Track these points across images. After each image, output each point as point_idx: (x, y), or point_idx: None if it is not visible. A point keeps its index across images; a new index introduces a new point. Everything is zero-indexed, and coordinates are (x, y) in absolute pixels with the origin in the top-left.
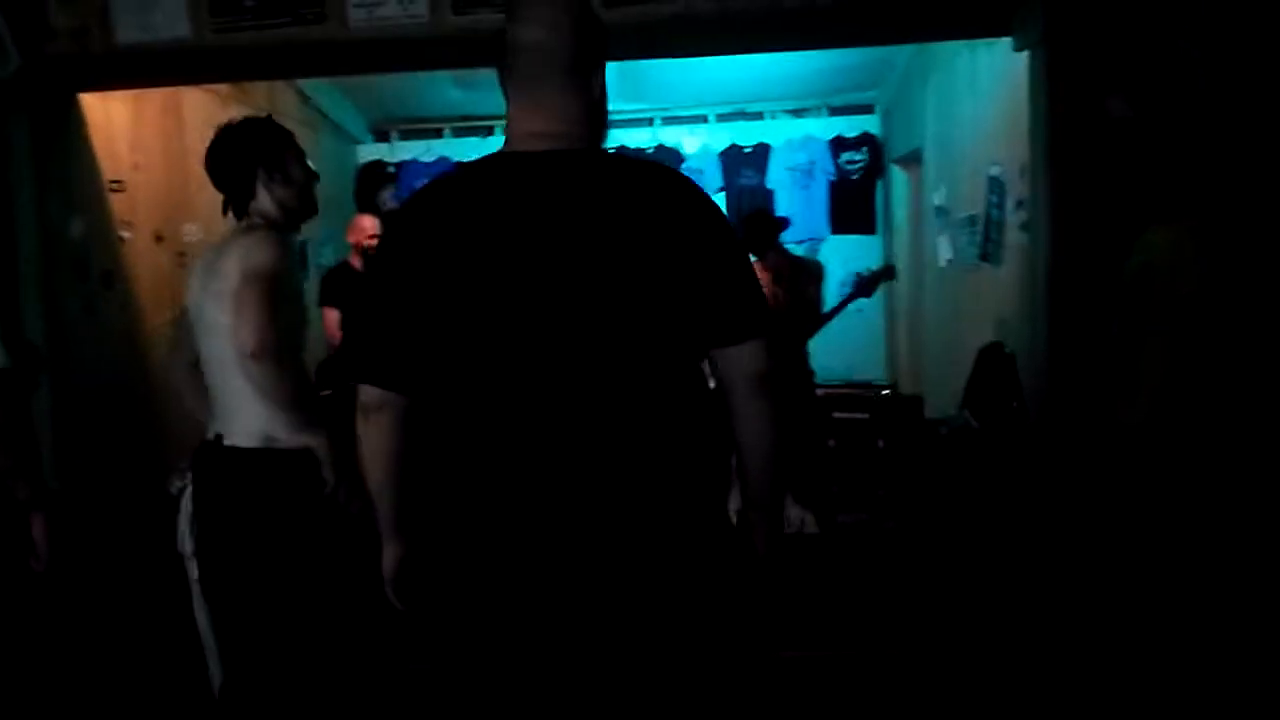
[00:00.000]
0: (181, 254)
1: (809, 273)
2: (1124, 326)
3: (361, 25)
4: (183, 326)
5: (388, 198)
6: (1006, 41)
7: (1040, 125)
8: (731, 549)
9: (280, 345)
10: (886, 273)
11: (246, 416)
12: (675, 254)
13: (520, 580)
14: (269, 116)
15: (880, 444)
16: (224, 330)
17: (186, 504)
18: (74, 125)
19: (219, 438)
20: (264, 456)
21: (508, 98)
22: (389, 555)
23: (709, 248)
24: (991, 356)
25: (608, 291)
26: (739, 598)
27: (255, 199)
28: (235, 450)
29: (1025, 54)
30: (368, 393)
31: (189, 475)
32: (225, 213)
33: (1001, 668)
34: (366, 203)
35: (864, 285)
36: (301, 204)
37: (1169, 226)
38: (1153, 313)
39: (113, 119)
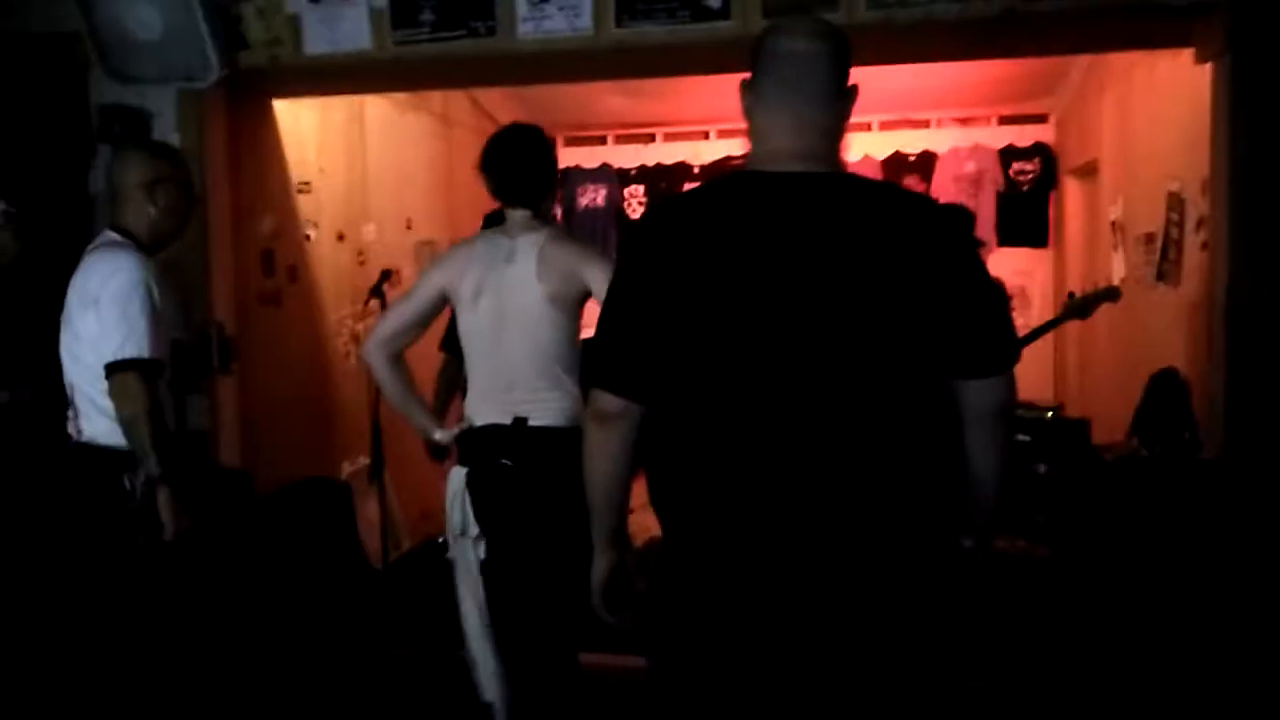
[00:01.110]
0: (360, 253)
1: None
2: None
3: (529, 37)
4: (406, 318)
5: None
6: (1188, 53)
7: (1222, 140)
8: (958, 579)
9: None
10: (1109, 294)
11: (558, 398)
12: (925, 283)
13: (747, 600)
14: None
15: (1042, 469)
16: (554, 326)
17: (462, 490)
18: (267, 130)
19: (521, 420)
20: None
21: (759, 110)
22: (601, 565)
23: (958, 278)
24: (1165, 383)
25: (857, 318)
26: (952, 620)
27: (540, 206)
28: (546, 430)
29: (1207, 66)
30: (607, 400)
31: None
32: (520, 205)
33: (1147, 705)
34: None
35: (1080, 306)
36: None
37: None
38: None
39: (301, 125)
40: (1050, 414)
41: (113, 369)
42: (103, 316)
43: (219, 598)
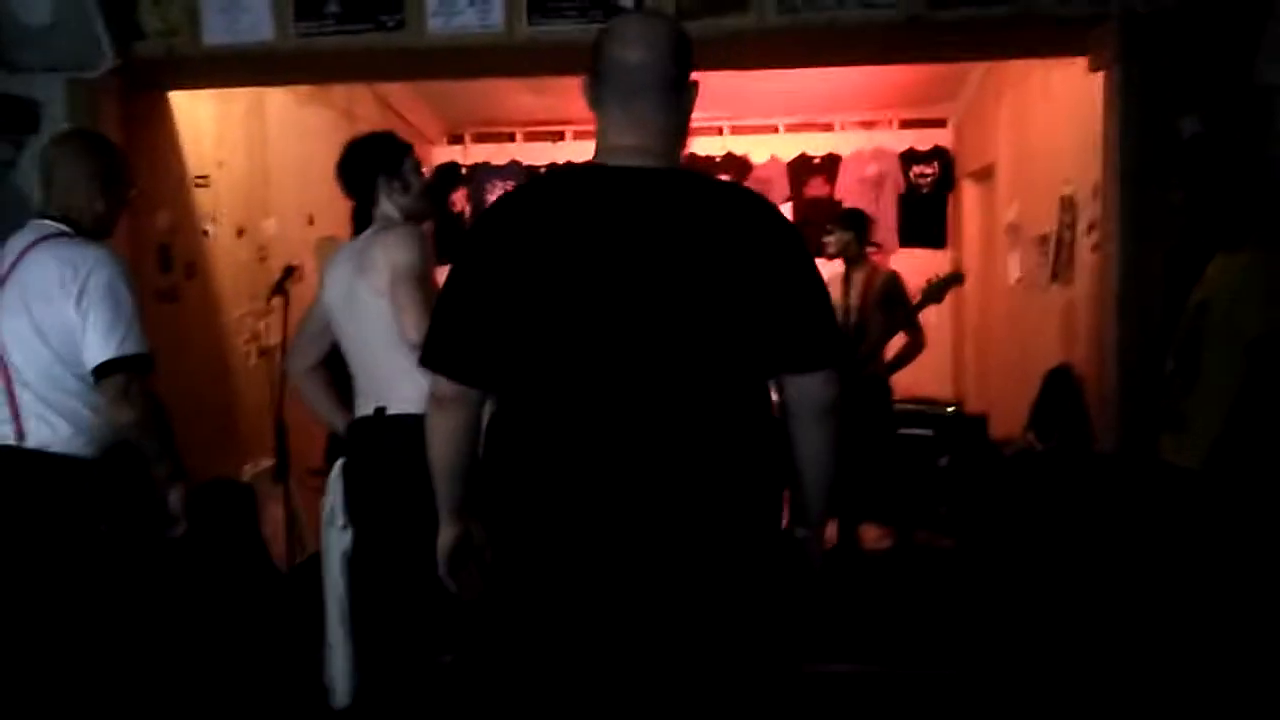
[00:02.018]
0: (261, 248)
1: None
2: (1180, 364)
3: (439, 33)
4: (306, 330)
5: (459, 198)
6: (1081, 62)
7: (1113, 145)
8: (783, 562)
9: None
10: (955, 279)
11: (409, 388)
12: (755, 279)
13: (574, 577)
14: (390, 132)
15: (943, 462)
16: (382, 316)
17: (337, 479)
18: (162, 122)
19: (380, 410)
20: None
21: (599, 110)
22: (445, 537)
23: (788, 275)
24: (1059, 379)
25: (685, 309)
26: (785, 608)
27: (378, 205)
28: (401, 418)
29: (1099, 75)
30: (442, 384)
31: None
32: (352, 220)
33: (1038, 691)
34: (439, 202)
35: (934, 291)
36: (420, 207)
37: (1232, 256)
38: (1209, 353)
39: (199, 116)
40: (950, 410)
41: (111, 368)
42: (92, 313)
43: (127, 602)
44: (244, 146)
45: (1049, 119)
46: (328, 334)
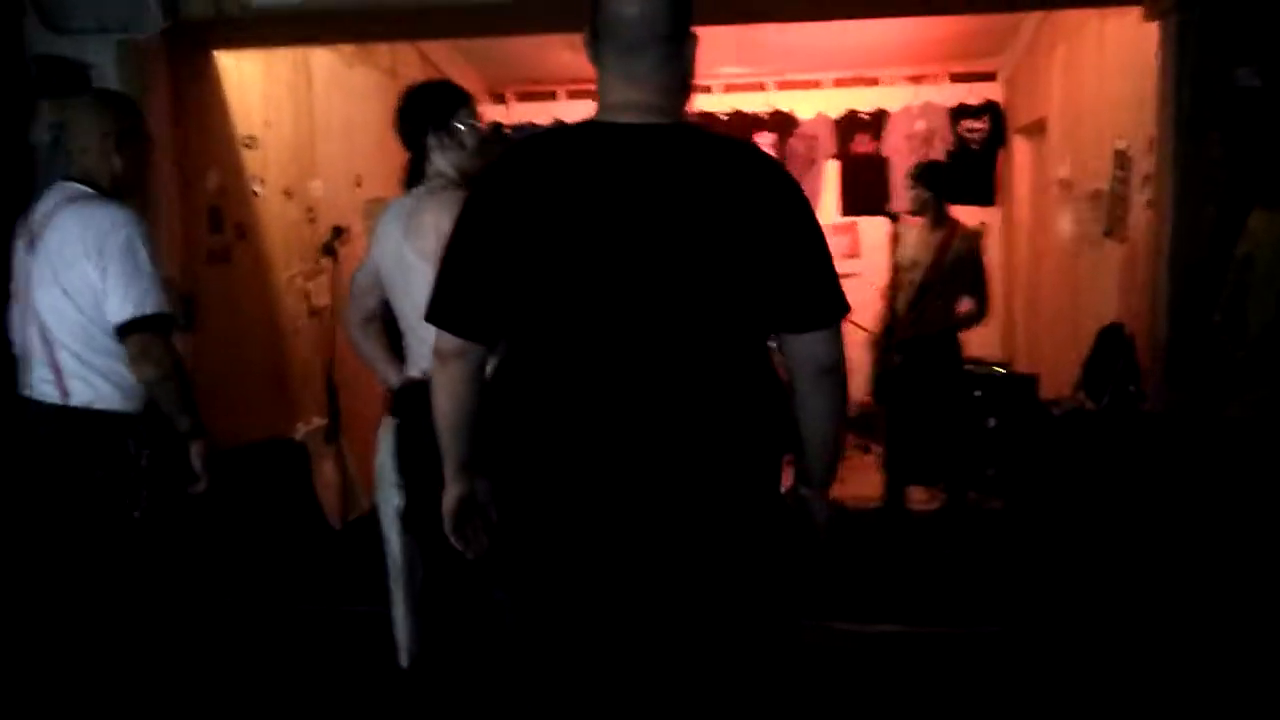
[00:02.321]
0: (310, 209)
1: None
2: (1227, 317)
3: None
4: (358, 285)
5: None
6: (1136, 11)
7: (1169, 98)
8: (780, 518)
9: None
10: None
11: None
12: (755, 236)
13: (578, 533)
14: (446, 81)
15: (991, 423)
16: (429, 282)
17: (387, 438)
18: (210, 83)
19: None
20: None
21: (599, 66)
22: (451, 494)
23: (788, 232)
24: (1111, 338)
25: (685, 266)
26: (782, 566)
27: (430, 161)
28: None
29: (1155, 25)
30: (447, 339)
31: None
32: (406, 174)
33: (1094, 652)
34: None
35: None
36: (475, 165)
37: (1273, 211)
38: (1254, 305)
39: (246, 78)
40: (999, 369)
41: (132, 328)
42: (111, 273)
43: (181, 559)
44: (290, 107)
45: (1103, 71)
46: (377, 290)
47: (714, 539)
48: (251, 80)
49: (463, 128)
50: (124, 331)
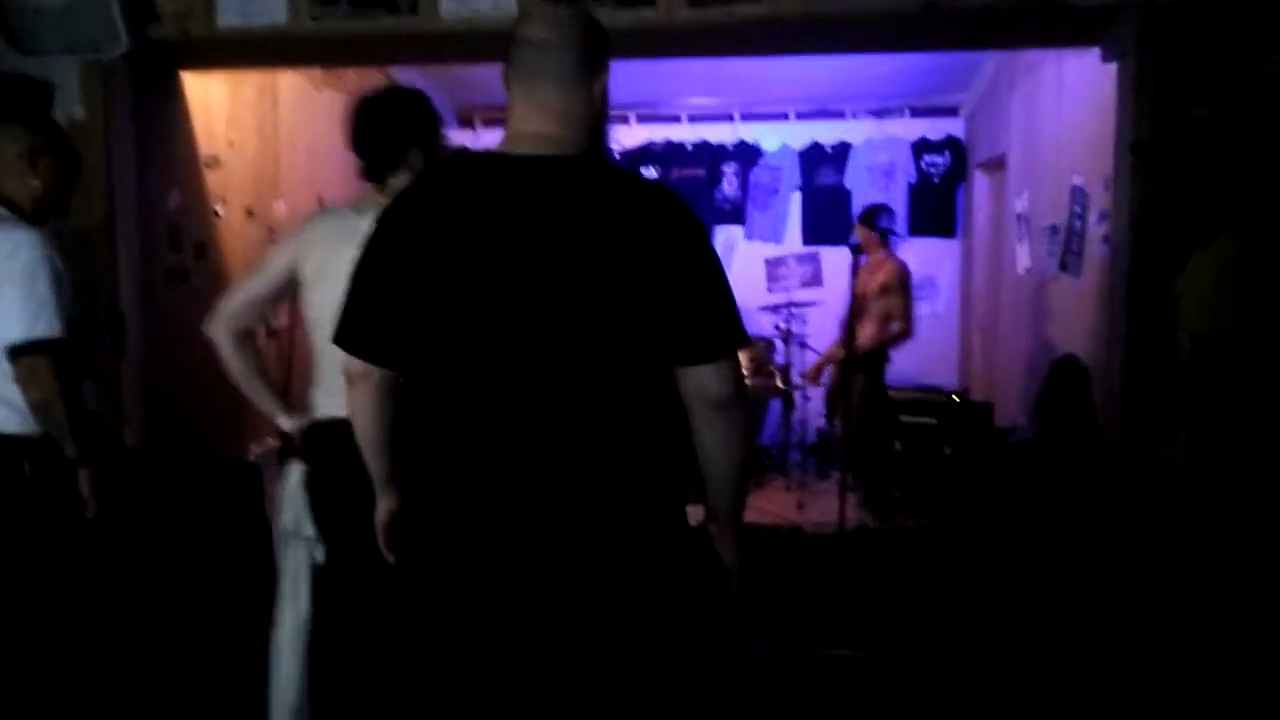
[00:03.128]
0: (271, 229)
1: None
2: (1163, 357)
3: (452, 18)
4: (252, 291)
5: None
6: (1094, 51)
7: (1126, 136)
8: (683, 550)
9: None
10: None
11: None
12: (646, 270)
13: (477, 568)
14: (420, 92)
15: (947, 450)
16: None
17: (299, 491)
18: (175, 103)
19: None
20: None
21: (509, 93)
22: (381, 508)
23: (676, 265)
24: (1065, 370)
25: (577, 301)
26: (686, 596)
27: (393, 174)
28: None
29: (1112, 64)
30: (352, 362)
31: (288, 459)
32: (365, 178)
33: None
34: None
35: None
36: None
37: (1206, 251)
38: (1185, 345)
39: (211, 98)
40: (955, 398)
41: (21, 351)
42: (6, 294)
43: (126, 577)
44: (255, 128)
45: (1061, 109)
46: (270, 305)
47: (605, 576)
48: (217, 101)
49: (444, 152)
50: (13, 354)
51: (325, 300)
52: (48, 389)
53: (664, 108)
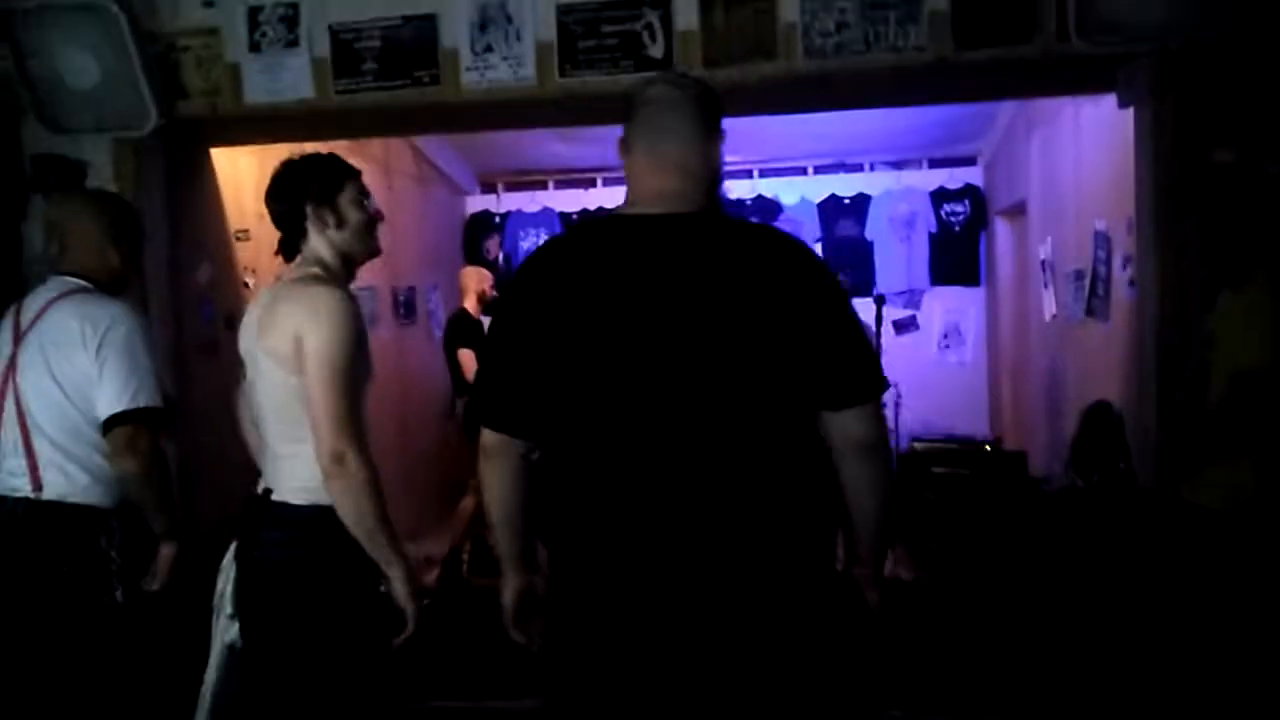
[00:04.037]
0: None
1: None
2: (1188, 395)
3: (473, 88)
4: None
5: (493, 245)
6: (1111, 97)
7: (1146, 181)
8: (835, 601)
9: (361, 427)
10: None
11: (300, 474)
12: (785, 318)
13: (628, 630)
14: (331, 154)
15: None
16: (279, 388)
17: (230, 564)
18: (204, 178)
19: (268, 492)
20: (318, 514)
21: (629, 157)
22: (509, 589)
23: (818, 313)
24: (1098, 416)
25: (717, 353)
26: (840, 647)
27: (306, 240)
28: (285, 507)
29: (1130, 109)
30: (488, 436)
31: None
32: (276, 254)
33: None
34: (473, 250)
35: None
36: (359, 248)
37: (1238, 292)
38: (1220, 386)
39: (240, 172)
40: (988, 447)
41: (119, 420)
42: (108, 366)
43: (155, 656)
44: None
45: (1080, 154)
46: None
47: (769, 629)
48: (245, 174)
49: (348, 205)
50: (111, 423)
51: (254, 383)
52: (145, 459)
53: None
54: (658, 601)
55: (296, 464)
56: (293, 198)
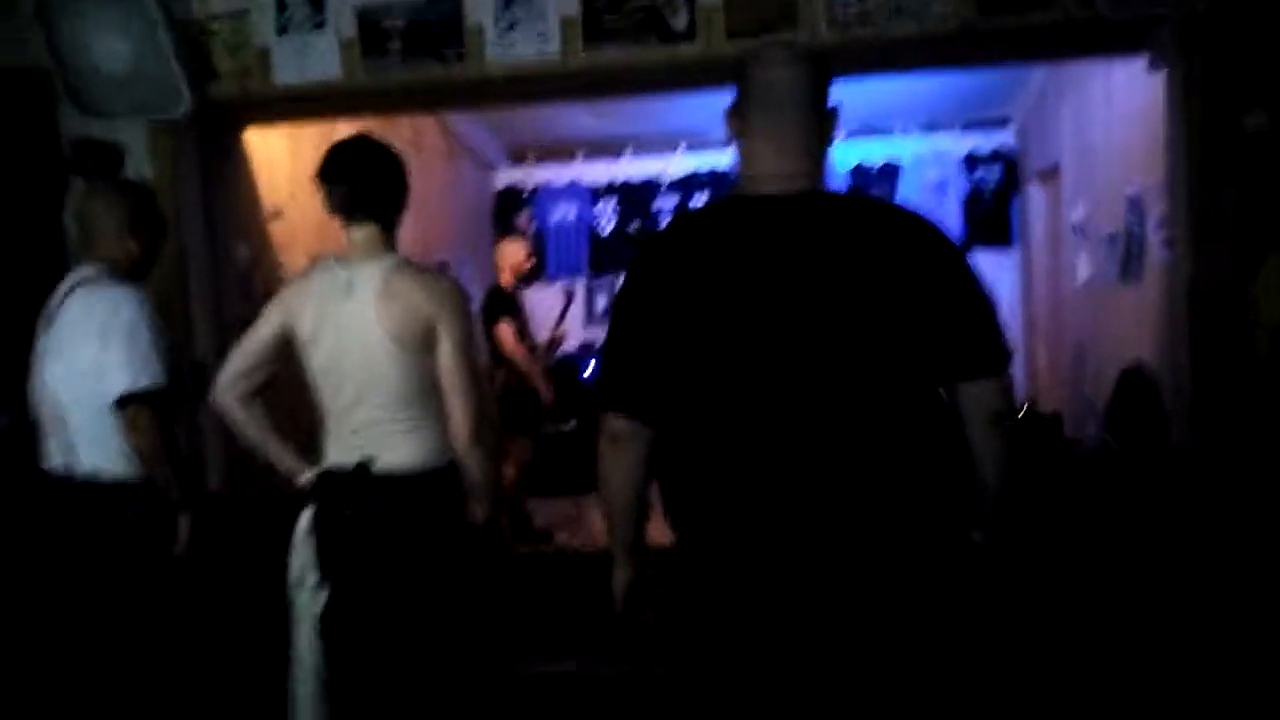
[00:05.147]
0: None
1: None
2: (1237, 358)
3: (498, 63)
4: (251, 355)
5: (523, 220)
6: (1141, 60)
7: (1178, 143)
8: (967, 572)
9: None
10: None
11: (405, 445)
12: (915, 291)
13: (758, 604)
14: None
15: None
16: (398, 366)
17: (307, 537)
18: (238, 159)
19: (366, 463)
20: (428, 479)
21: (745, 136)
22: (621, 578)
23: (947, 284)
24: (1133, 378)
25: (848, 330)
26: (973, 617)
27: (391, 222)
28: (390, 476)
29: (1160, 73)
30: (617, 422)
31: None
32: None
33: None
34: (504, 224)
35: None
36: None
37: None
38: (1264, 343)
39: (272, 152)
40: (1023, 409)
41: (125, 401)
42: (111, 349)
43: (218, 618)
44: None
45: (1112, 117)
46: (274, 364)
47: (902, 605)
48: (278, 154)
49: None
50: (119, 404)
51: (326, 354)
52: (151, 436)
53: (710, 137)
54: (794, 576)
55: (415, 436)
56: (397, 188)
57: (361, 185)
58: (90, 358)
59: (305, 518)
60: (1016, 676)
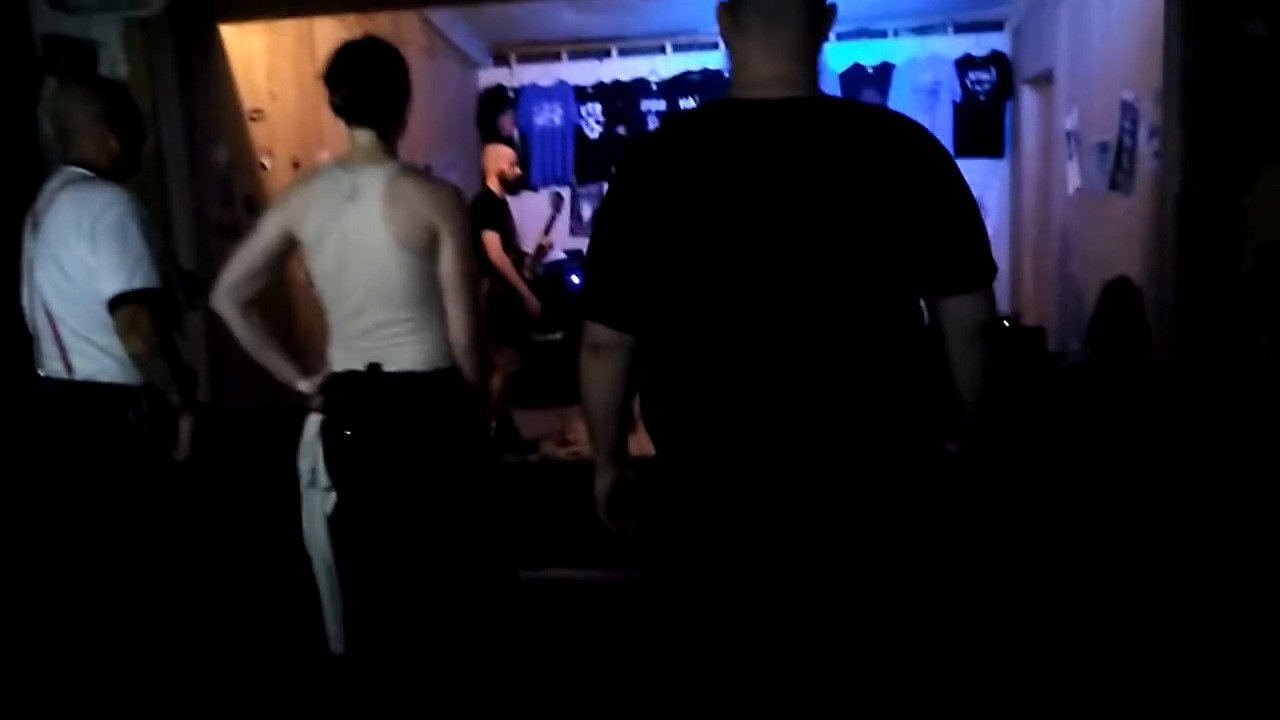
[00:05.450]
0: None
1: None
2: (1222, 271)
3: None
4: (252, 260)
5: (507, 121)
6: None
7: (1174, 50)
8: (943, 480)
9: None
10: None
11: (411, 347)
12: (903, 201)
13: (737, 510)
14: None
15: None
16: (405, 268)
17: (315, 440)
18: (215, 58)
19: (375, 366)
20: (436, 379)
21: (738, 38)
22: (603, 481)
23: (936, 196)
24: (1118, 291)
25: (837, 237)
26: (946, 525)
27: (392, 127)
28: (399, 376)
29: None
30: (600, 331)
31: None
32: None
33: (1105, 602)
34: (489, 126)
35: None
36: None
37: (1276, 166)
38: (1246, 260)
39: (250, 51)
40: (1006, 323)
41: (120, 302)
42: (101, 250)
43: (209, 529)
44: (294, 78)
45: (1109, 22)
46: (278, 269)
47: (879, 512)
48: (256, 53)
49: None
50: (113, 305)
51: (331, 259)
52: (149, 339)
53: (701, 35)
54: (770, 483)
55: (420, 338)
56: (399, 92)
57: (363, 89)
58: (79, 259)
59: (312, 423)
60: (990, 589)
